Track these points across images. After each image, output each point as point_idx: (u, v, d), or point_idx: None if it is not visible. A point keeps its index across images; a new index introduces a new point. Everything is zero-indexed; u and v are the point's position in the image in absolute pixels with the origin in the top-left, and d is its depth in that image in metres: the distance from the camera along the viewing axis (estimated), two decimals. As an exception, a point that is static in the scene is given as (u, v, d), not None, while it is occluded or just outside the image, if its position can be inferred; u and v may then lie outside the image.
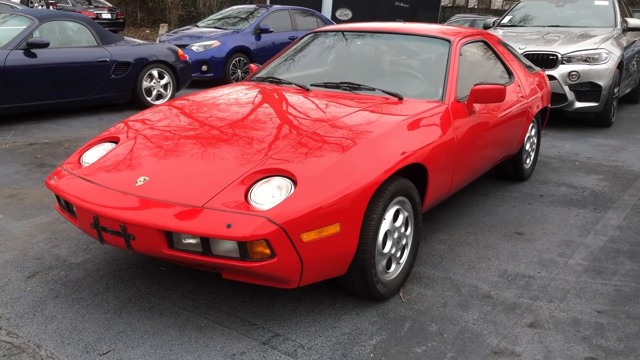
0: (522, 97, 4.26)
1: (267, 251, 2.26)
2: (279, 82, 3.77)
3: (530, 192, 4.53)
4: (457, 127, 3.27)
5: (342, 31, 4.14)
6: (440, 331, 2.56)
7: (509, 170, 4.65)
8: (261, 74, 4.02)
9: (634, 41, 7.93)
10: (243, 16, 10.95)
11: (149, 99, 7.54)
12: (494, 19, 8.79)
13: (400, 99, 3.29)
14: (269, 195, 2.39)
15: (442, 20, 24.19)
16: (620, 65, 6.99)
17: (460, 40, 3.77)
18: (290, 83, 3.70)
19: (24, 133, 6.06)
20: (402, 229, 2.84)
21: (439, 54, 3.67)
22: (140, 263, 3.17)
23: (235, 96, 3.48)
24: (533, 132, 4.74)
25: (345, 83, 3.51)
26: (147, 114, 3.31)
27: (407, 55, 3.87)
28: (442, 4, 27.16)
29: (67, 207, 2.75)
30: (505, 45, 4.57)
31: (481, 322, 2.64)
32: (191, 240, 2.33)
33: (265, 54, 10.39)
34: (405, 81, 3.61)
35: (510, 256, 3.35)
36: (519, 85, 4.29)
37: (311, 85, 3.58)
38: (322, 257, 2.41)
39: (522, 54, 6.43)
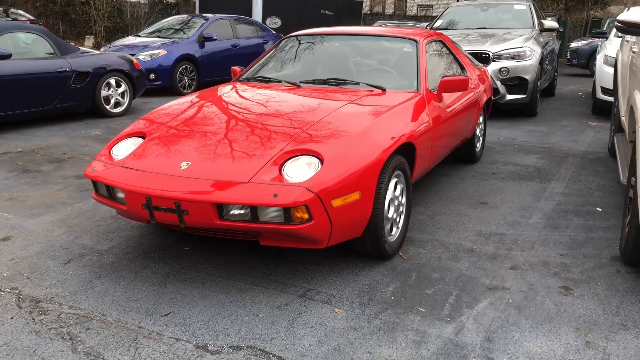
0: (473, 88, 4.92)
1: (306, 215, 2.71)
2: (268, 80, 4.20)
3: (483, 171, 5.20)
4: (432, 112, 3.84)
5: (318, 34, 4.64)
6: (441, 277, 3.10)
7: (464, 154, 5.30)
8: (247, 75, 4.44)
9: (547, 41, 8.92)
10: (178, 27, 11.20)
11: (107, 107, 7.70)
12: (426, 23, 9.56)
13: (384, 90, 3.82)
14: (300, 170, 2.84)
15: (365, 27, 25.15)
16: (541, 62, 7.89)
17: (424, 39, 4.36)
18: (280, 81, 4.15)
19: (-9, 144, 6.13)
20: (400, 198, 3.36)
21: (408, 52, 4.24)
22: (164, 245, 3.51)
23: (240, 92, 3.90)
24: (481, 120, 5.42)
25: (332, 79, 4.00)
26: (162, 112, 3.66)
27: (381, 53, 4.42)
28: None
29: (109, 194, 3.07)
30: (456, 44, 5.23)
31: (472, 269, 3.21)
32: (239, 211, 2.74)
33: (210, 62, 10.71)
34: (382, 76, 4.14)
35: (481, 220, 3.95)
36: (470, 79, 4.94)
37: (300, 82, 4.04)
38: (346, 220, 2.88)
39: (459, 53, 7.16)
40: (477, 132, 5.32)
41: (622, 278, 3.09)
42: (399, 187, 3.33)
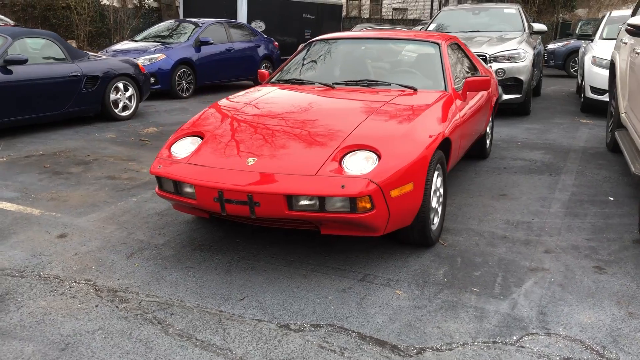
0: (486, 88, 5.22)
1: (369, 205, 2.96)
2: (301, 82, 4.44)
3: (495, 166, 5.52)
4: (459, 110, 4.12)
5: (343, 38, 4.89)
6: (484, 261, 3.37)
7: (476, 149, 5.60)
8: (278, 77, 4.66)
9: (535, 44, 9.33)
10: (171, 32, 11.32)
11: (116, 110, 7.82)
12: (420, 27, 9.88)
13: (415, 90, 4.09)
14: (358, 164, 3.08)
15: (346, 30, 25.52)
16: (533, 63, 8.28)
17: (445, 42, 4.65)
18: (313, 82, 4.38)
19: (10, 148, 6.22)
20: (440, 189, 3.63)
21: (431, 54, 4.52)
22: (216, 239, 3.71)
23: (281, 93, 4.13)
24: (491, 118, 5.73)
25: (364, 80, 4.25)
26: (211, 113, 3.86)
27: (406, 56, 4.69)
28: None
29: (175, 189, 3.26)
30: (467, 47, 5.53)
31: (509, 253, 3.49)
32: (307, 202, 2.97)
33: (206, 65, 10.87)
34: (409, 77, 4.41)
35: (506, 210, 4.24)
36: (484, 79, 5.24)
37: (333, 83, 4.28)
38: (402, 209, 3.13)
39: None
40: (487, 129, 5.63)
41: (646, 258, 3.41)
42: (439, 179, 3.59)
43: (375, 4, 37.40)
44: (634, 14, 6.22)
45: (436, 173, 3.52)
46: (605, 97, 7.90)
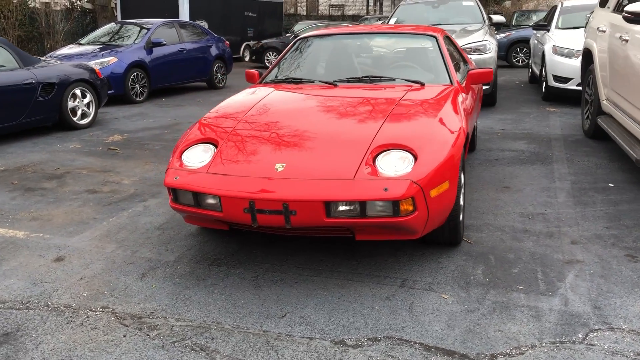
0: (475, 80, 5.18)
1: (411, 207, 2.81)
2: (299, 81, 4.23)
3: (486, 158, 5.49)
4: (465, 102, 4.04)
5: (335, 34, 4.71)
6: (517, 257, 3.30)
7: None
8: (272, 77, 4.43)
9: (494, 36, 9.47)
10: (116, 34, 10.81)
11: (74, 119, 7.34)
12: (381, 22, 9.82)
13: (423, 85, 3.97)
14: (392, 164, 2.93)
15: (287, 27, 25.31)
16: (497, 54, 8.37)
17: (440, 35, 4.56)
18: (312, 81, 4.19)
19: (-34, 164, 5.69)
20: (463, 185, 3.53)
21: (429, 47, 4.42)
22: (230, 251, 3.47)
23: (285, 93, 3.91)
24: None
25: (367, 76, 4.10)
26: (217, 116, 3.61)
27: (403, 50, 4.56)
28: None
29: (196, 201, 3.00)
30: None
31: (538, 246, 3.43)
32: (347, 207, 2.79)
33: (160, 68, 10.43)
34: (411, 71, 4.29)
35: (516, 203, 4.20)
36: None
37: (335, 81, 4.11)
38: (439, 209, 3.00)
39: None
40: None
41: (671, 243, 3.43)
42: (462, 175, 3.49)
43: (312, 0, 37.34)
44: (601, 1, 6.36)
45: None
46: (569, 85, 8.09)
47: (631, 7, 4.05)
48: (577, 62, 7.94)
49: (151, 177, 5.10)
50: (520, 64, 15.60)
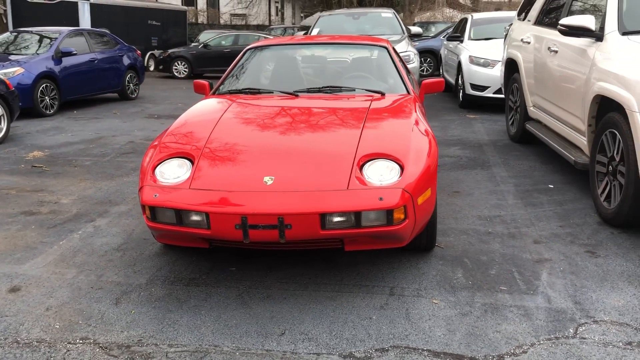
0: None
1: (402, 216, 2.85)
2: (257, 91, 4.16)
3: (428, 164, 5.67)
4: (422, 110, 4.15)
5: (286, 44, 4.68)
6: (490, 259, 3.43)
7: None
8: (228, 88, 4.31)
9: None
10: (5, 45, 10.07)
11: (-15, 135, 6.75)
12: (303, 32, 9.87)
13: (383, 94, 4.04)
14: (379, 173, 2.96)
15: (192, 37, 24.81)
16: (418, 64, 8.71)
17: (389, 45, 4.66)
18: (271, 91, 4.13)
19: None
20: (433, 192, 3.62)
21: (382, 57, 4.50)
22: (204, 270, 3.33)
23: (248, 104, 3.82)
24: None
25: (327, 87, 4.10)
26: (184, 130, 3.45)
27: (355, 60, 4.61)
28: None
29: (178, 219, 2.85)
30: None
31: (506, 247, 3.58)
32: (340, 218, 2.78)
33: (70, 78, 9.85)
34: (366, 81, 4.34)
35: (470, 207, 4.37)
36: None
37: (295, 91, 4.08)
38: (423, 216, 3.06)
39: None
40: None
41: (621, 237, 3.70)
42: (433, 182, 3.58)
43: (213, 9, 36.86)
44: (520, 13, 6.80)
45: (432, 176, 3.50)
46: (487, 93, 8.56)
47: (566, 21, 4.36)
48: (493, 71, 8.42)
49: (91, 195, 4.79)
50: (425, 73, 16.27)
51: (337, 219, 2.77)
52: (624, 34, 4.04)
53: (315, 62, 4.59)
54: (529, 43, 5.90)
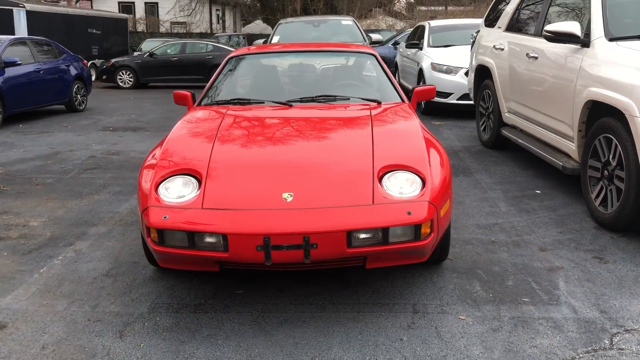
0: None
1: (429, 230, 2.73)
2: (248, 102, 3.95)
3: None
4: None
5: (271, 52, 4.50)
6: (503, 269, 3.36)
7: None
8: (213, 99, 4.08)
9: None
10: None
11: None
12: (262, 40, 9.69)
13: (379, 103, 3.92)
14: (399, 185, 2.83)
15: (133, 46, 24.10)
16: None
17: (375, 52, 4.56)
18: (262, 102, 3.94)
19: None
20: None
21: (372, 65, 4.39)
22: (208, 295, 3.11)
23: (245, 115, 3.62)
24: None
25: (321, 96, 3.95)
26: (183, 147, 3.22)
27: (344, 68, 4.48)
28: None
29: (191, 242, 2.63)
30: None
31: (515, 257, 3.53)
32: (366, 235, 2.63)
33: (15, 90, 9.26)
34: (359, 89, 4.22)
35: (466, 215, 4.31)
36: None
37: (289, 101, 3.90)
38: (443, 228, 2.96)
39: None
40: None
41: (622, 242, 3.72)
42: (440, 193, 3.49)
43: (152, 17, 35.97)
44: (487, 20, 6.87)
45: (441, 187, 3.41)
46: (450, 100, 8.63)
47: (552, 27, 4.39)
48: (456, 78, 8.50)
49: (63, 216, 4.44)
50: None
51: (363, 235, 2.62)
52: (611, 40, 4.09)
53: (303, 71, 4.43)
54: (502, 50, 5.95)
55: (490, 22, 6.72)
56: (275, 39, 9.36)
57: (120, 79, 16.83)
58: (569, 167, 4.45)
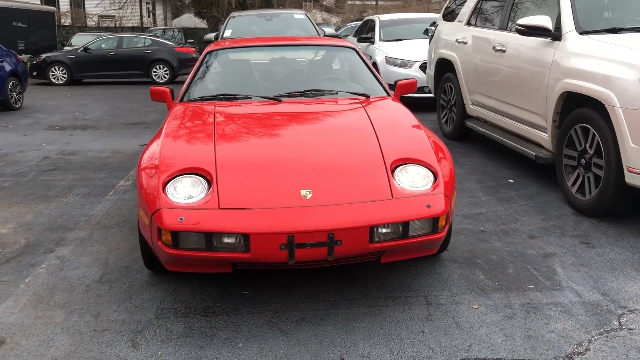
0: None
1: (444, 222, 2.76)
2: (233, 97, 3.85)
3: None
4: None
5: (250, 46, 4.40)
6: (501, 258, 3.44)
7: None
8: (196, 95, 3.95)
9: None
10: None
11: None
12: (214, 34, 9.50)
13: (367, 97, 3.92)
14: (410, 179, 2.85)
15: (65, 40, 23.01)
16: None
17: (356, 46, 4.56)
18: (249, 97, 3.85)
19: None
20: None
21: (353, 59, 4.38)
22: (215, 297, 3.02)
23: (236, 113, 3.53)
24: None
25: (309, 90, 3.90)
26: (184, 148, 3.10)
27: (326, 62, 4.44)
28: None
29: (209, 244, 2.53)
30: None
31: (508, 244, 3.63)
32: (386, 230, 2.63)
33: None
34: (343, 83, 4.20)
35: (448, 206, 4.38)
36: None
37: (277, 96, 3.83)
38: (450, 220, 3.00)
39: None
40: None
41: (602, 226, 3.90)
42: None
43: (79, 10, 34.50)
44: (445, 13, 7.01)
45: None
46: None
47: (524, 21, 4.53)
48: (411, 72, 8.63)
49: (33, 222, 4.18)
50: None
51: (384, 230, 2.62)
52: (582, 33, 4.26)
53: (285, 65, 4.36)
54: (465, 43, 6.08)
55: (449, 17, 6.86)
56: (227, 33, 9.18)
57: (52, 75, 16.06)
58: (542, 157, 4.61)
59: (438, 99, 7.03)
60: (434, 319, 2.76)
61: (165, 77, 16.15)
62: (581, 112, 4.08)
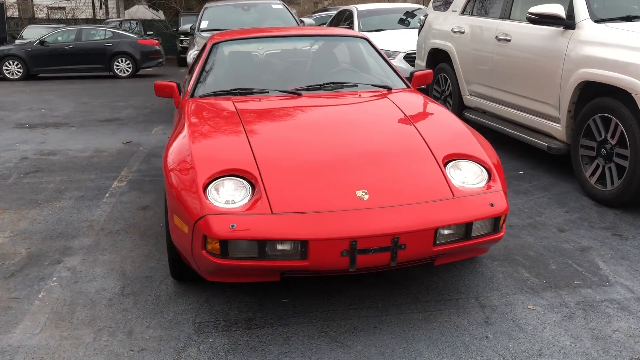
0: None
1: (503, 221, 2.63)
2: (249, 92, 3.63)
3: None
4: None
5: (259, 37, 4.16)
6: (539, 254, 3.34)
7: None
8: (207, 90, 3.69)
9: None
10: None
11: None
12: (189, 25, 9.13)
13: (390, 89, 3.75)
14: (462, 176, 2.70)
15: (15, 33, 21.95)
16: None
17: (368, 37, 4.38)
18: (266, 91, 3.63)
19: None
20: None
21: (367, 50, 4.20)
22: (254, 307, 2.81)
23: (261, 108, 3.31)
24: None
25: (328, 83, 3.70)
26: (216, 147, 2.86)
27: (340, 54, 4.24)
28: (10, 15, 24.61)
29: (261, 252, 2.32)
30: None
31: (541, 239, 3.53)
32: (449, 231, 2.47)
33: None
34: (362, 75, 4.01)
35: (466, 200, 4.27)
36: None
37: (296, 89, 3.62)
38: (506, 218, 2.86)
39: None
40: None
41: (628, 217, 3.85)
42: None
43: (26, 1, 33.03)
44: (436, 4, 6.89)
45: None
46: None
47: (536, 10, 4.44)
48: (396, 62, 8.47)
49: (30, 229, 3.85)
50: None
51: (446, 232, 2.46)
52: (597, 21, 4.20)
53: (297, 56, 4.15)
54: (462, 33, 5.98)
55: (441, 6, 6.75)
56: (203, 24, 8.83)
57: (7, 70, 15.29)
58: (555, 147, 4.54)
59: (431, 90, 6.92)
60: (494, 322, 2.63)
61: (127, 71, 15.61)
62: (602, 101, 4.02)
